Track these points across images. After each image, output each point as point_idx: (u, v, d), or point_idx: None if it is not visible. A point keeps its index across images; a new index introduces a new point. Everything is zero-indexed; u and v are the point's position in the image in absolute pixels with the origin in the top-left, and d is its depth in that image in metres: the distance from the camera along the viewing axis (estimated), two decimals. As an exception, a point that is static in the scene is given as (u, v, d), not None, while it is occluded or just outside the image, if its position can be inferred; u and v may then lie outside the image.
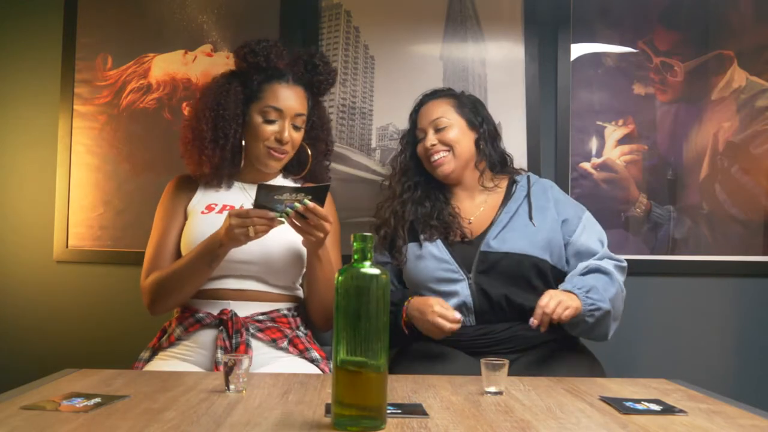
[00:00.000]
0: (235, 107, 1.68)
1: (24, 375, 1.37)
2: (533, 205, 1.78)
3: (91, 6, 2.33)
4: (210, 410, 1.08)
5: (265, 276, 1.66)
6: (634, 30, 2.31)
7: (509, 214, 1.77)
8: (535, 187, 1.84)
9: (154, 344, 1.67)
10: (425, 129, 1.84)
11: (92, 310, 2.28)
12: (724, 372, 2.25)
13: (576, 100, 2.30)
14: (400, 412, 1.08)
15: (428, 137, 1.82)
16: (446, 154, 1.81)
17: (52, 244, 2.30)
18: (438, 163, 1.81)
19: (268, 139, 1.69)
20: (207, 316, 1.62)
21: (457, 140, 1.82)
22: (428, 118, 1.85)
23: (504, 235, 1.72)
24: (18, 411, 1.05)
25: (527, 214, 1.77)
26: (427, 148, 1.82)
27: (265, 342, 1.62)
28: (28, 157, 2.34)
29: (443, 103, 1.86)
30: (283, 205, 1.50)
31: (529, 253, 1.69)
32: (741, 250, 2.26)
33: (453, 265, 1.71)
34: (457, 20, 2.32)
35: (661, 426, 1.05)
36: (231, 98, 1.68)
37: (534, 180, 1.87)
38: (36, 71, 2.34)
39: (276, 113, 1.69)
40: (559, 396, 1.25)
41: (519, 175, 1.91)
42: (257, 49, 1.69)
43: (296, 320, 1.70)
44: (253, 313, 1.63)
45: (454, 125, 1.83)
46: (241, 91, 1.70)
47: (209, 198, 1.73)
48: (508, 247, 1.70)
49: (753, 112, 2.28)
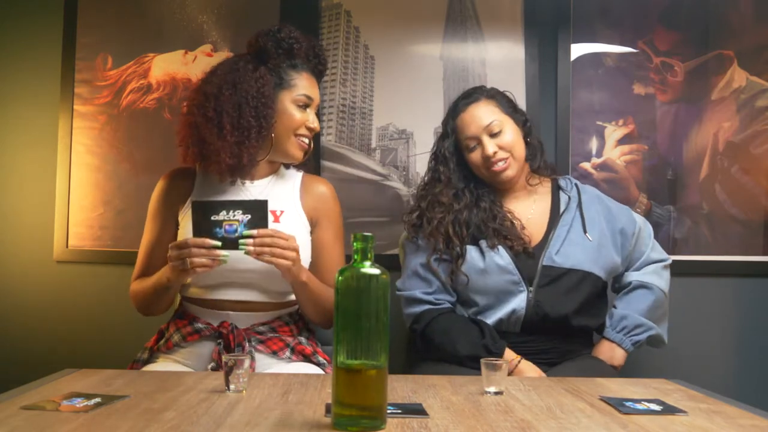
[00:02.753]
0: (275, 95, 1.61)
1: (24, 375, 1.37)
2: (585, 217, 1.73)
3: (91, 6, 2.33)
4: (210, 410, 1.08)
5: (267, 284, 1.60)
6: (634, 30, 2.31)
7: (566, 226, 1.71)
8: (585, 197, 1.78)
9: (151, 345, 1.65)
10: (478, 136, 1.72)
11: (92, 310, 2.28)
12: (724, 372, 2.25)
13: (576, 100, 2.30)
14: (400, 412, 1.08)
15: (486, 145, 1.70)
16: (508, 158, 1.72)
17: (52, 244, 2.30)
18: (501, 169, 1.71)
19: (299, 127, 1.63)
20: (206, 327, 1.58)
21: (514, 142, 1.73)
22: (478, 124, 1.72)
23: (566, 250, 1.68)
24: (18, 411, 1.04)
25: (581, 227, 1.72)
26: (488, 156, 1.70)
27: (266, 354, 1.59)
28: (28, 157, 2.34)
29: (488, 105, 1.75)
30: (222, 229, 1.44)
31: (590, 270, 1.67)
32: (741, 250, 2.26)
33: (517, 277, 1.65)
34: (457, 20, 2.32)
35: (661, 426, 1.05)
36: (268, 85, 1.60)
37: (582, 189, 1.81)
38: (36, 71, 2.34)
39: (308, 101, 1.65)
40: (559, 396, 1.25)
41: (561, 178, 1.84)
42: (288, 36, 1.63)
43: (298, 325, 1.67)
44: (253, 324, 1.59)
45: (506, 127, 1.73)
46: (271, 78, 1.62)
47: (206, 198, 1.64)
48: (571, 263, 1.66)
49: (753, 112, 2.28)
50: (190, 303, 1.63)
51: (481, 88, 1.82)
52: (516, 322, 1.65)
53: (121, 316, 2.23)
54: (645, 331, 1.72)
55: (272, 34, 1.64)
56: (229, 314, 1.59)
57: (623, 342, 1.69)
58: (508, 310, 1.64)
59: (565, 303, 1.64)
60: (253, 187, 1.67)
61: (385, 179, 2.31)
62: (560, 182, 1.82)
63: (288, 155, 1.66)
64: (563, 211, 1.74)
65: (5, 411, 1.04)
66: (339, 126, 2.31)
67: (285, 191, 1.69)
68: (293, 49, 1.64)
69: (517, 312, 1.64)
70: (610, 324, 1.72)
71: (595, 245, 1.70)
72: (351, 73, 2.32)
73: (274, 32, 1.64)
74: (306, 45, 1.68)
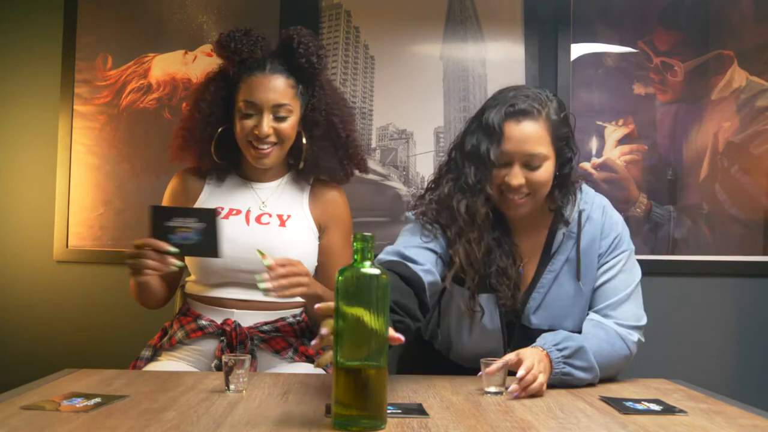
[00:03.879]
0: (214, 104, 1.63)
1: (24, 375, 1.37)
2: (582, 261, 1.45)
3: (91, 6, 2.33)
4: (210, 410, 1.08)
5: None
6: (634, 30, 2.31)
7: (554, 273, 1.45)
8: (587, 233, 1.46)
9: (155, 343, 1.65)
10: (511, 158, 1.39)
11: (92, 310, 2.28)
12: (724, 372, 2.25)
13: (576, 100, 2.29)
14: (400, 412, 1.08)
15: (514, 173, 1.39)
16: (528, 196, 1.42)
17: (52, 244, 2.30)
18: (517, 204, 1.42)
19: (248, 134, 1.60)
20: (210, 324, 1.58)
21: (545, 182, 1.42)
22: (521, 147, 1.38)
23: (547, 309, 1.44)
24: (18, 411, 1.04)
25: (574, 272, 1.45)
26: (512, 186, 1.39)
27: (269, 353, 1.59)
28: (28, 157, 2.34)
29: (542, 130, 1.40)
30: (175, 235, 1.46)
31: (572, 328, 1.43)
32: (741, 250, 2.27)
33: (500, 345, 1.46)
34: (457, 20, 2.32)
35: (661, 426, 1.05)
36: (210, 95, 1.63)
37: (586, 216, 1.47)
38: (36, 71, 2.34)
39: (252, 107, 1.59)
40: (559, 396, 1.25)
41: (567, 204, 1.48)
42: (226, 40, 1.60)
43: (301, 326, 1.65)
44: (257, 323, 1.59)
45: (546, 164, 1.40)
46: (222, 86, 1.63)
47: (215, 200, 1.66)
48: (549, 324, 1.44)
49: (753, 112, 2.28)
50: (193, 300, 1.64)
51: (547, 99, 1.43)
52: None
53: (121, 315, 2.23)
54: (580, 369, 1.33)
55: (220, 40, 1.62)
56: (233, 312, 1.59)
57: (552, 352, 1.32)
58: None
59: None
60: (262, 189, 1.67)
61: (385, 179, 2.31)
62: (565, 211, 1.47)
63: (251, 160, 1.64)
64: (554, 251, 1.46)
65: (5, 411, 1.04)
66: (339, 126, 2.31)
67: (294, 195, 1.69)
68: (240, 51, 1.59)
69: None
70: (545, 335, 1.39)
71: (585, 295, 1.46)
72: (351, 73, 2.32)
73: (220, 38, 1.61)
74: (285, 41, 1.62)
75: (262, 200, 1.66)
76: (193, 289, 1.65)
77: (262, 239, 1.57)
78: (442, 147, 2.29)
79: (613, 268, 1.46)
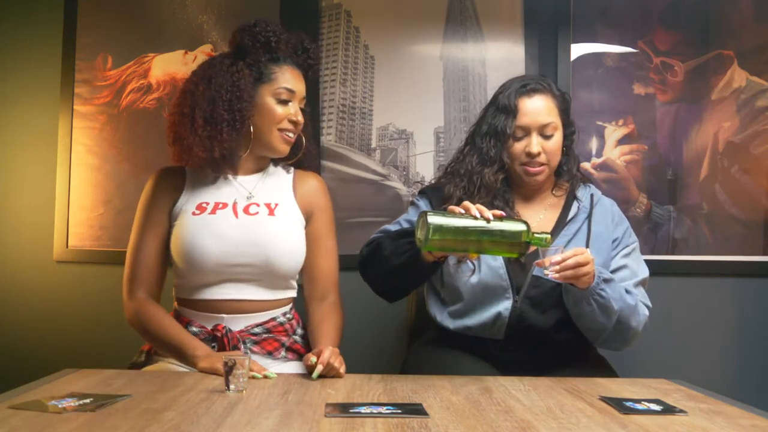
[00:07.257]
0: (251, 88, 1.61)
1: (24, 375, 1.37)
2: (592, 231, 1.63)
3: (91, 6, 2.33)
4: (210, 410, 1.08)
5: (265, 278, 1.59)
6: (634, 30, 2.31)
7: (567, 237, 1.62)
8: (597, 208, 1.68)
9: (147, 348, 1.64)
10: (528, 129, 1.63)
11: (92, 310, 2.28)
12: (724, 372, 2.25)
13: (576, 100, 2.29)
14: (400, 412, 1.08)
15: (533, 142, 1.62)
16: (546, 162, 1.64)
17: (52, 244, 2.30)
18: (535, 172, 1.64)
19: (281, 121, 1.62)
20: (201, 331, 1.56)
21: (557, 149, 1.66)
22: (536, 118, 1.63)
23: None
24: (17, 411, 1.05)
25: (585, 240, 1.62)
26: (532, 153, 1.61)
27: (262, 355, 1.58)
28: (28, 157, 2.34)
29: (552, 102, 1.66)
30: None
31: None
32: (741, 250, 2.26)
33: (506, 283, 1.57)
34: (457, 20, 2.32)
35: (661, 426, 1.05)
36: (244, 79, 1.60)
37: (597, 198, 1.71)
38: (36, 71, 2.34)
39: (289, 94, 1.63)
40: (559, 396, 1.25)
41: (580, 186, 1.72)
42: (263, 30, 1.62)
43: (292, 323, 1.65)
44: (248, 326, 1.58)
45: (558, 132, 1.65)
46: (249, 72, 1.62)
47: (199, 196, 1.64)
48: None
49: (753, 112, 2.28)
50: (184, 307, 1.62)
51: (549, 80, 1.71)
52: (499, 329, 1.58)
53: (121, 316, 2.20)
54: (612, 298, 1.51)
55: (248, 29, 1.64)
56: (223, 317, 1.57)
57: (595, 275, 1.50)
58: (493, 313, 1.57)
59: (549, 316, 1.57)
60: (243, 183, 1.66)
61: (385, 179, 2.31)
62: (576, 192, 1.71)
63: (272, 149, 1.65)
64: (569, 219, 1.66)
65: (5, 411, 1.04)
66: (339, 126, 2.31)
67: (278, 185, 1.69)
68: (271, 42, 1.62)
69: (501, 317, 1.56)
70: None
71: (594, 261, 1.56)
72: (351, 73, 2.32)
73: (249, 27, 1.64)
74: (293, 39, 1.67)
75: (249, 191, 1.65)
76: (182, 293, 1.62)
77: (252, 230, 1.57)
78: (442, 147, 2.30)
79: (630, 255, 1.66)
